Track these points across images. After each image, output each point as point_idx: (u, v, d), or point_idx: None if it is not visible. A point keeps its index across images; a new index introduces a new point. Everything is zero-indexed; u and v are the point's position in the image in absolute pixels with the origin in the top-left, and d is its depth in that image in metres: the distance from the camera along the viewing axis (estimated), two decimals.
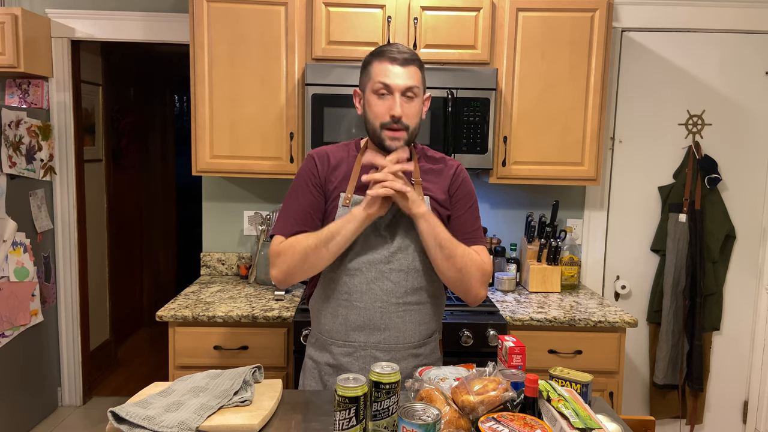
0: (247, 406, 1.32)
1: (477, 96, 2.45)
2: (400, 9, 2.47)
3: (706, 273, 2.90)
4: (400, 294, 1.53)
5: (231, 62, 2.50)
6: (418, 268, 1.55)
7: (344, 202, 1.54)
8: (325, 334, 1.60)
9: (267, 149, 2.54)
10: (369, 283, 1.53)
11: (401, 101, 1.48)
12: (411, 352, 1.58)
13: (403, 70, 1.48)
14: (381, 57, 1.50)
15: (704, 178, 2.89)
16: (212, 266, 2.96)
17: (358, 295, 1.54)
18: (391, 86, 1.48)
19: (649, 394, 3.05)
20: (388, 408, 1.15)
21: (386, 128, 1.50)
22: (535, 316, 2.32)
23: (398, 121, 1.49)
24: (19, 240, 2.94)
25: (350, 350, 1.56)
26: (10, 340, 2.91)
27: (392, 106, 1.48)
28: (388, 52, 1.50)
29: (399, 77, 1.48)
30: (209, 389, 1.37)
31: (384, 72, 1.49)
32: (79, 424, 3.23)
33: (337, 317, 1.56)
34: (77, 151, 3.29)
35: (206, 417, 1.25)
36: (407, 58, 1.49)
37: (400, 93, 1.48)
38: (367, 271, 1.53)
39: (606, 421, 1.23)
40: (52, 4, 3.07)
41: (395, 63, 1.48)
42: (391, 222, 1.54)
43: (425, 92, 1.58)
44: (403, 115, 1.49)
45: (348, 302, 1.55)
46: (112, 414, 1.23)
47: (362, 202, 1.46)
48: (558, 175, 2.60)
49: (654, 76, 2.92)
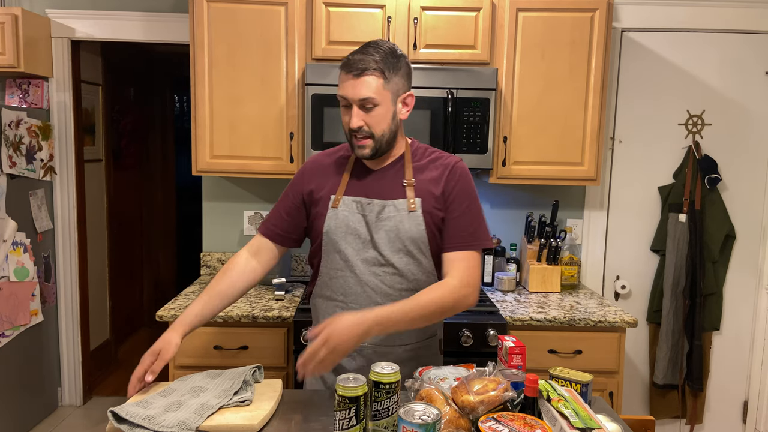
0: (247, 405, 1.32)
1: (477, 96, 2.45)
2: (400, 9, 2.47)
3: (706, 273, 2.90)
4: (395, 296, 1.53)
5: (231, 62, 2.50)
6: (413, 270, 1.54)
7: (333, 203, 1.56)
8: None
9: (267, 149, 2.54)
10: (363, 285, 1.53)
11: (359, 113, 1.48)
12: (411, 353, 1.58)
13: (357, 81, 1.46)
14: (342, 65, 1.49)
15: (704, 178, 2.89)
16: (212, 266, 2.96)
17: (353, 296, 1.54)
18: (348, 98, 1.48)
19: (649, 394, 3.05)
20: (388, 408, 1.16)
21: (352, 136, 1.51)
22: (535, 316, 2.32)
23: (358, 131, 1.49)
24: (19, 240, 2.94)
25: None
26: (10, 340, 2.91)
27: (350, 118, 1.49)
28: (348, 61, 1.48)
29: (353, 90, 1.46)
30: (209, 389, 1.37)
31: (342, 84, 1.48)
32: (79, 424, 3.23)
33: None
34: (77, 151, 3.29)
35: (206, 417, 1.25)
36: (362, 68, 1.45)
37: (357, 105, 1.48)
38: (361, 273, 1.53)
39: (606, 421, 1.23)
40: (52, 4, 3.07)
41: (350, 75, 1.46)
42: (375, 225, 1.54)
43: (402, 93, 1.52)
44: (364, 124, 1.48)
45: (344, 303, 1.55)
46: (113, 414, 1.23)
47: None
48: (558, 175, 2.60)
49: (654, 76, 2.92)
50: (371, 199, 1.54)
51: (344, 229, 1.54)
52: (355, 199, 1.55)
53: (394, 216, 1.52)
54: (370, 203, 1.54)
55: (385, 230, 1.52)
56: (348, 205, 1.55)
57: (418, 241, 1.52)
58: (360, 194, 1.55)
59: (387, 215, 1.52)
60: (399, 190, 1.55)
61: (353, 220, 1.54)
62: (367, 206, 1.54)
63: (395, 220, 1.52)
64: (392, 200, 1.53)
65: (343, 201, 1.55)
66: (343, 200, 1.55)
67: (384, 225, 1.52)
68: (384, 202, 1.53)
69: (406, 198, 1.53)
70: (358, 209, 1.54)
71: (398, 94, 1.52)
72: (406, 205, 1.53)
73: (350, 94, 1.47)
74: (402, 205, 1.53)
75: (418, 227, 1.52)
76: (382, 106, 1.48)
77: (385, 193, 1.54)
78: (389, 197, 1.54)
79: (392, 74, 1.48)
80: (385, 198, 1.54)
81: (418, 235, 1.52)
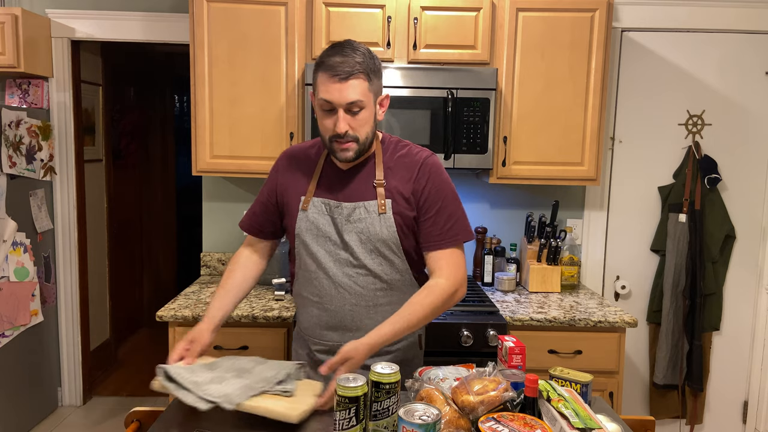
0: (288, 396, 1.32)
1: (477, 96, 2.45)
2: (400, 9, 2.47)
3: (706, 273, 2.90)
4: (369, 297, 1.54)
5: (231, 62, 2.50)
6: (386, 270, 1.54)
7: (303, 205, 1.55)
8: (303, 331, 1.65)
9: (267, 149, 2.54)
10: (337, 287, 1.54)
11: (345, 117, 1.45)
12: (385, 349, 1.53)
13: (344, 85, 1.42)
14: (323, 69, 1.44)
15: (704, 178, 2.89)
16: (212, 266, 2.96)
17: (328, 298, 1.56)
18: (334, 103, 1.44)
19: (649, 394, 3.05)
20: (388, 408, 1.16)
21: (335, 140, 1.48)
22: (535, 316, 2.32)
23: (344, 136, 1.46)
24: (19, 240, 2.94)
25: (325, 348, 1.59)
26: (10, 340, 2.91)
27: (336, 122, 1.45)
28: (329, 64, 1.42)
29: (340, 94, 1.42)
30: (253, 373, 1.37)
31: (326, 88, 1.43)
32: (79, 424, 3.23)
33: (312, 317, 1.60)
34: (77, 151, 3.29)
35: (248, 397, 1.26)
36: (348, 71, 1.41)
37: (344, 109, 1.44)
38: (334, 275, 1.54)
39: (606, 421, 1.23)
40: (52, 4, 3.07)
41: (335, 79, 1.42)
42: (345, 227, 1.53)
43: (380, 94, 1.53)
44: (349, 128, 1.46)
45: (320, 304, 1.57)
46: (163, 371, 1.24)
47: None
48: (558, 175, 2.60)
49: (654, 76, 2.92)
50: (339, 202, 1.53)
51: (315, 231, 1.54)
52: (324, 201, 1.55)
53: (365, 218, 1.51)
54: (338, 206, 1.53)
55: (356, 232, 1.52)
56: (317, 206, 1.54)
57: (389, 242, 1.52)
58: (329, 196, 1.55)
59: (357, 217, 1.52)
60: (369, 190, 1.53)
61: (322, 222, 1.54)
62: (335, 209, 1.53)
63: (366, 222, 1.51)
64: (363, 201, 1.52)
65: (312, 203, 1.55)
66: (312, 202, 1.55)
67: (355, 227, 1.52)
68: (354, 204, 1.52)
69: (376, 199, 1.52)
70: (327, 211, 1.54)
71: (378, 96, 1.52)
72: (377, 207, 1.52)
73: (337, 98, 1.43)
74: (372, 207, 1.52)
75: (389, 229, 1.51)
76: (367, 108, 1.47)
77: (355, 195, 1.54)
78: (359, 198, 1.53)
79: (374, 76, 1.47)
80: (355, 199, 1.53)
81: (389, 237, 1.52)
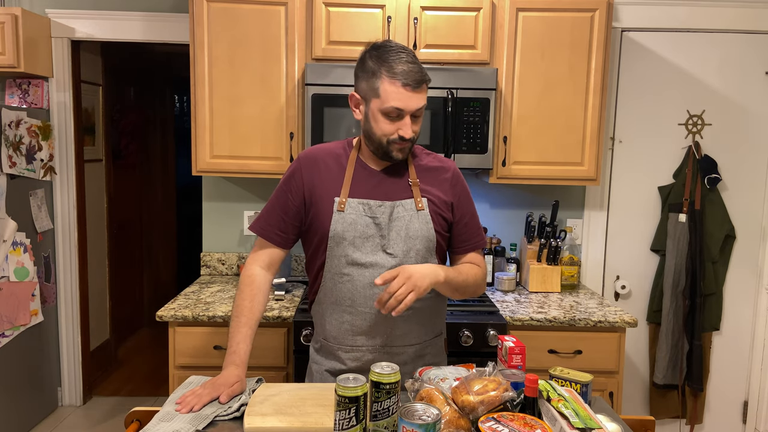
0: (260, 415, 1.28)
1: (477, 96, 2.45)
2: (400, 9, 2.47)
3: (706, 273, 2.90)
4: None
5: (231, 62, 2.50)
6: None
7: (339, 207, 1.53)
8: (331, 341, 1.60)
9: (267, 149, 2.54)
10: (371, 289, 1.52)
11: (411, 122, 1.48)
12: (417, 353, 1.59)
13: (416, 94, 1.45)
14: (392, 75, 1.44)
15: (704, 178, 2.89)
16: (212, 266, 2.96)
17: (362, 300, 1.53)
18: (405, 110, 1.46)
19: (649, 394, 3.05)
20: (388, 408, 1.15)
21: (395, 143, 1.49)
22: (535, 316, 2.32)
23: (409, 140, 1.49)
24: (19, 240, 2.94)
25: (358, 354, 1.56)
26: (10, 340, 2.91)
27: (403, 128, 1.47)
28: (400, 72, 1.43)
29: (413, 101, 1.45)
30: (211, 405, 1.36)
31: (397, 96, 1.44)
32: (79, 424, 3.23)
33: (343, 323, 1.56)
34: (77, 151, 3.29)
35: (199, 424, 1.25)
36: (419, 79, 1.45)
37: (411, 115, 1.48)
38: (371, 276, 1.52)
39: (606, 421, 1.23)
40: (52, 4, 3.07)
41: (409, 87, 1.44)
42: (388, 226, 1.53)
43: None
44: (413, 132, 1.50)
45: (352, 308, 1.54)
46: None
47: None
48: (558, 175, 2.60)
49: (654, 76, 2.92)
50: (382, 201, 1.53)
51: (353, 232, 1.52)
52: (362, 202, 1.53)
53: (403, 216, 1.53)
54: (381, 205, 1.53)
55: (396, 230, 1.53)
56: (355, 207, 1.53)
57: (428, 240, 1.54)
58: (367, 196, 1.54)
59: (397, 215, 1.53)
60: (404, 190, 1.56)
61: (362, 223, 1.52)
62: (377, 208, 1.53)
63: (404, 220, 1.53)
64: (400, 200, 1.54)
65: (349, 203, 1.53)
66: (349, 203, 1.53)
67: (395, 226, 1.53)
68: (393, 203, 1.53)
69: (412, 198, 1.55)
70: (367, 212, 1.53)
71: None
72: (414, 205, 1.54)
73: (410, 106, 1.45)
74: (410, 205, 1.54)
75: (426, 225, 1.54)
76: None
77: (392, 194, 1.55)
78: (396, 197, 1.54)
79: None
80: (392, 198, 1.54)
81: (428, 234, 1.54)
